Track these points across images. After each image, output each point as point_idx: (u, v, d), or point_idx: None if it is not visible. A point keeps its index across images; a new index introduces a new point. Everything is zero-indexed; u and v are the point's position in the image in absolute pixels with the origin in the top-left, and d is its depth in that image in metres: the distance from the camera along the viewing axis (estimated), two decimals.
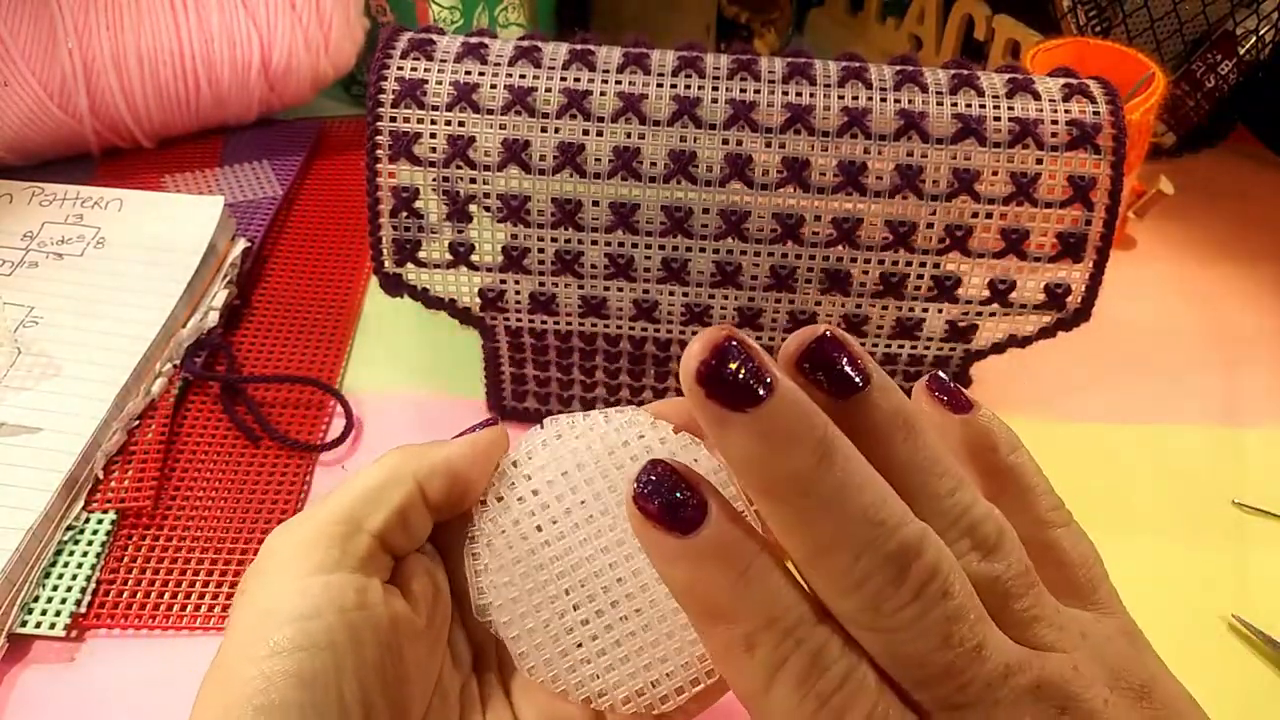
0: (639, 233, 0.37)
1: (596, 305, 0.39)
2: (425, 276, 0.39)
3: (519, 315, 0.40)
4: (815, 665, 0.19)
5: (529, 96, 0.36)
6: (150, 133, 0.57)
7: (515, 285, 0.39)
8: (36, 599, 0.38)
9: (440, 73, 0.37)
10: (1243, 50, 0.58)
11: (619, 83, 0.37)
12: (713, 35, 0.65)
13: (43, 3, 0.52)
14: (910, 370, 0.41)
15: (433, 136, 0.37)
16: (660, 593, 0.27)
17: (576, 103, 0.36)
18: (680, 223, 0.37)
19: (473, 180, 0.37)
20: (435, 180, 0.37)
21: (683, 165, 0.36)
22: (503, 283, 0.39)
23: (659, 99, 0.36)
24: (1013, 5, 0.57)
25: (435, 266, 0.39)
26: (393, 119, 0.37)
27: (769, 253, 0.38)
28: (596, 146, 0.36)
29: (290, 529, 0.26)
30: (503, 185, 0.37)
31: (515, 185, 0.37)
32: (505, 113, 0.36)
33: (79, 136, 0.56)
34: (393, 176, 0.37)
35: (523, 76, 0.37)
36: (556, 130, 0.36)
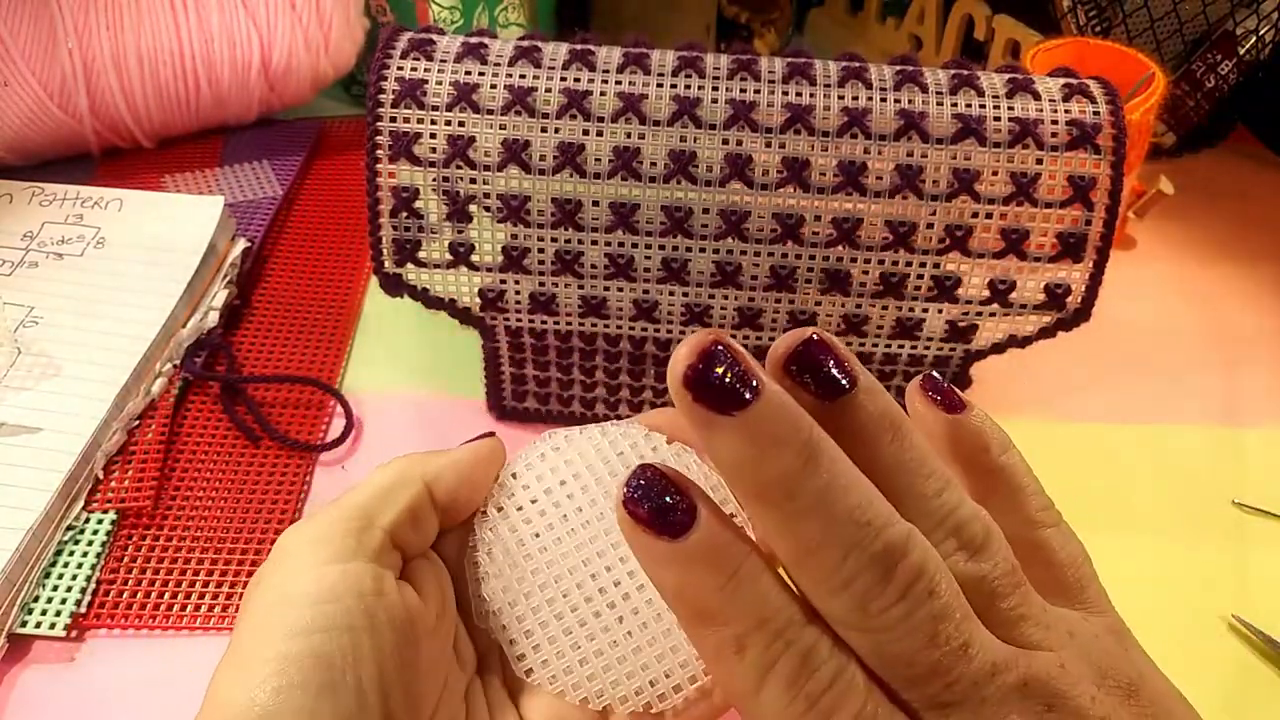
0: (639, 233, 0.37)
1: (596, 305, 0.39)
2: (425, 276, 0.39)
3: (519, 315, 0.40)
4: (805, 666, 0.20)
5: (529, 96, 0.36)
6: (150, 133, 0.57)
7: (515, 285, 0.39)
8: (36, 599, 0.38)
9: (440, 73, 0.37)
10: (1243, 50, 0.58)
11: (619, 83, 0.37)
12: (713, 35, 0.65)
13: (43, 3, 0.52)
14: (910, 370, 0.41)
15: (433, 136, 0.37)
16: (655, 594, 0.27)
17: (576, 103, 0.36)
18: (680, 223, 0.37)
19: (473, 180, 0.37)
20: (435, 180, 0.37)
21: (683, 165, 0.36)
22: (503, 283, 0.39)
23: (659, 99, 0.36)
24: (1013, 5, 0.57)
25: (435, 266, 0.39)
26: (393, 119, 0.37)
27: (769, 253, 0.38)
28: (596, 146, 0.36)
29: (303, 526, 0.26)
30: (503, 185, 0.37)
31: (515, 185, 0.37)
32: (505, 113, 0.36)
33: (79, 136, 0.56)
34: (393, 176, 0.37)
35: (523, 76, 0.37)
36: (556, 130, 0.36)
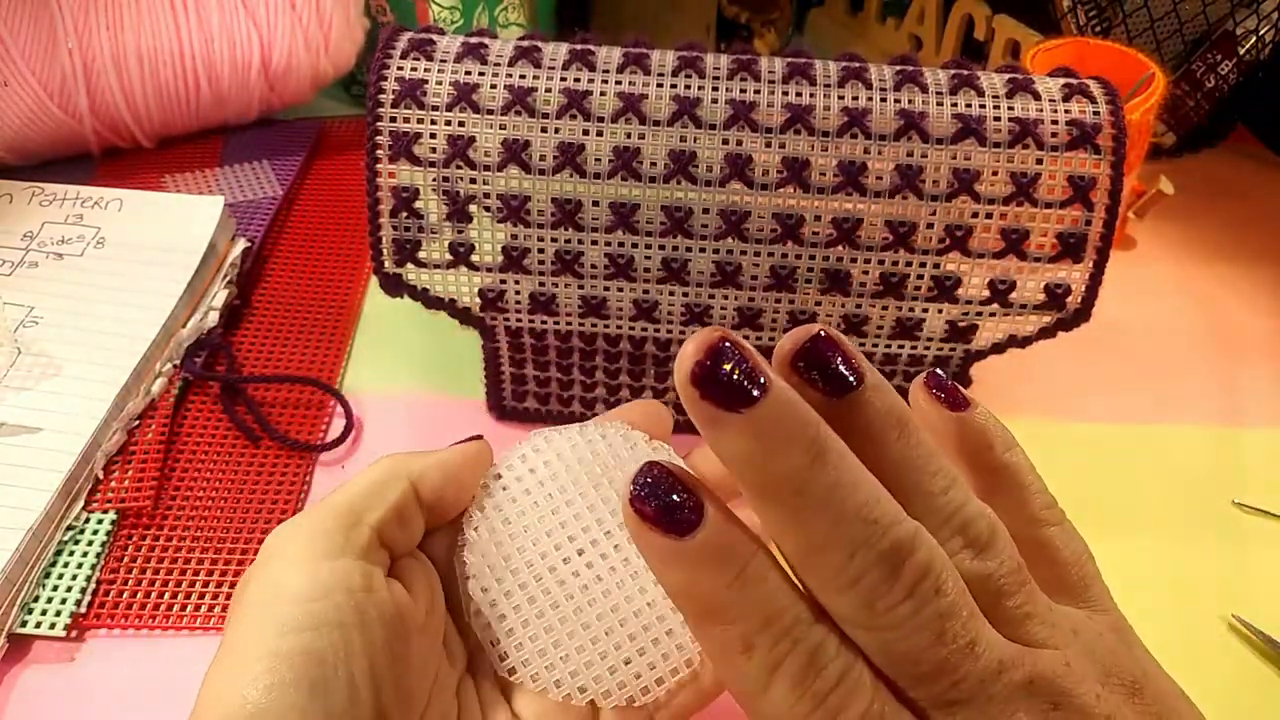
0: (639, 233, 0.37)
1: (596, 305, 0.39)
2: (425, 276, 0.39)
3: (519, 315, 0.40)
4: (812, 665, 0.20)
5: (529, 96, 0.36)
6: (150, 133, 0.57)
7: (515, 285, 0.39)
8: (36, 599, 0.38)
9: (440, 73, 0.37)
10: (1243, 50, 0.58)
11: (619, 83, 0.36)
12: (713, 35, 0.65)
13: (43, 3, 0.52)
14: (910, 370, 0.41)
15: (433, 136, 0.37)
16: (634, 589, 0.28)
17: (576, 103, 0.36)
18: (680, 223, 0.37)
19: (473, 180, 0.37)
20: (435, 180, 0.37)
21: (683, 165, 0.36)
22: (503, 283, 0.39)
23: (659, 99, 0.36)
24: (1013, 5, 0.57)
25: (435, 266, 0.39)
26: (393, 119, 0.37)
27: (769, 253, 0.38)
28: (596, 146, 0.36)
29: (291, 525, 0.26)
30: (503, 185, 0.37)
31: (515, 185, 0.37)
32: (505, 113, 0.36)
33: (79, 136, 0.56)
34: (393, 176, 0.37)
35: (523, 76, 0.37)
36: (556, 130, 0.36)
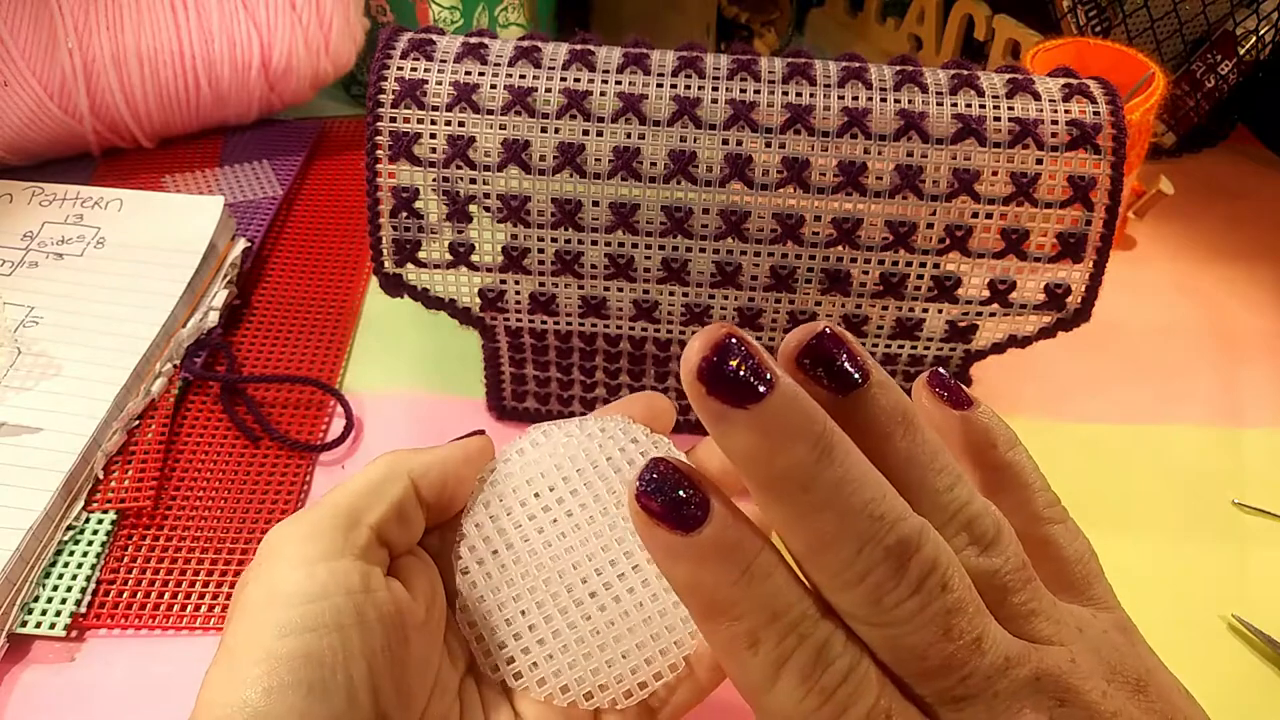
0: (639, 233, 0.37)
1: (596, 305, 0.39)
2: (425, 277, 0.39)
3: (519, 315, 0.40)
4: (819, 661, 0.20)
5: (529, 97, 0.36)
6: (150, 133, 0.57)
7: (515, 285, 0.39)
8: (36, 599, 0.38)
9: (440, 73, 0.37)
10: (1243, 50, 0.58)
11: (619, 83, 0.36)
12: (713, 35, 0.65)
13: (43, 3, 0.52)
14: (910, 370, 0.41)
15: (433, 137, 0.37)
16: (623, 589, 0.28)
17: (576, 103, 0.36)
18: (680, 223, 0.37)
19: (473, 180, 0.37)
20: (435, 180, 0.37)
21: (683, 165, 0.36)
22: (503, 283, 0.39)
23: (659, 99, 0.36)
24: (1013, 5, 0.57)
25: (435, 267, 0.39)
26: (393, 119, 0.37)
27: (769, 253, 0.38)
28: (596, 146, 0.36)
29: (289, 524, 0.26)
30: (503, 185, 0.37)
31: (515, 185, 0.37)
32: (505, 113, 0.36)
33: (79, 136, 0.56)
34: (393, 176, 0.37)
35: (523, 77, 0.37)
36: (556, 130, 0.36)
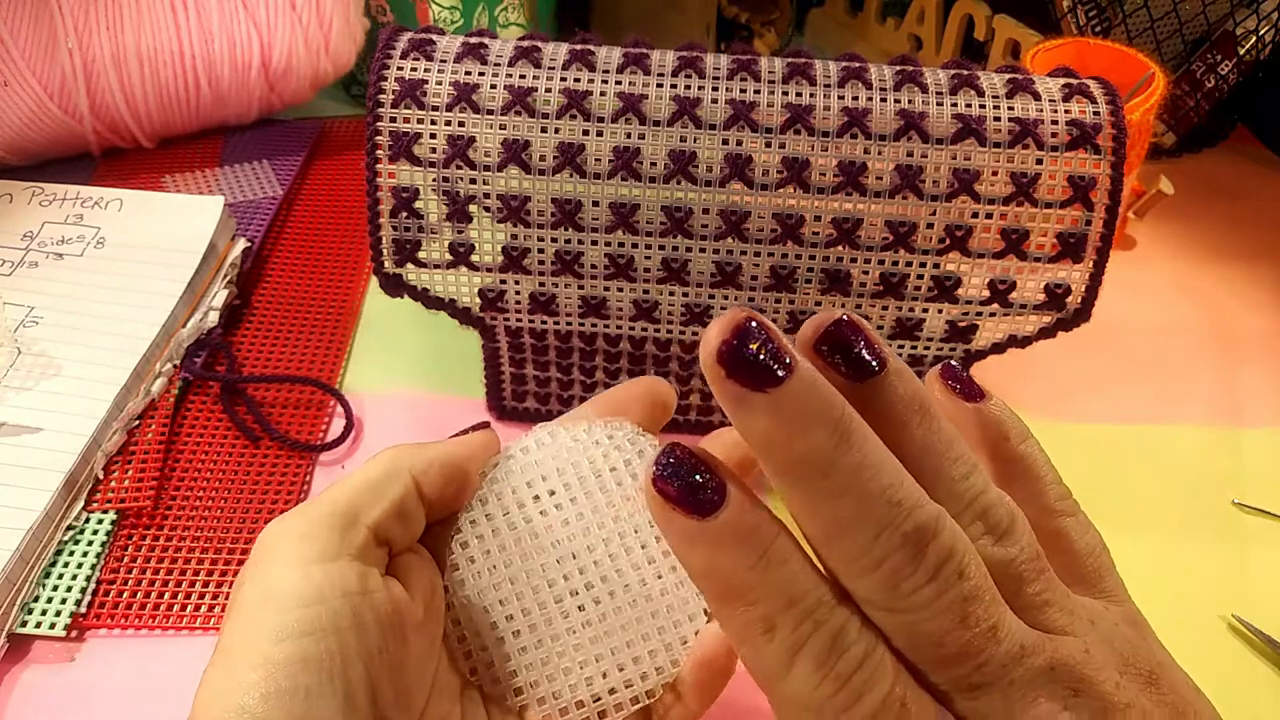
0: (639, 233, 0.37)
1: (596, 305, 0.39)
2: (425, 277, 0.39)
3: (519, 315, 0.40)
4: (834, 647, 0.20)
5: (529, 97, 0.36)
6: (150, 133, 0.57)
7: (515, 285, 0.39)
8: (36, 599, 0.38)
9: (440, 73, 0.37)
10: (1243, 50, 0.58)
11: (619, 83, 0.36)
12: (713, 35, 0.65)
13: (43, 3, 0.52)
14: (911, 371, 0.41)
15: (433, 137, 0.37)
16: (625, 600, 0.27)
17: (576, 103, 0.36)
18: (680, 223, 0.37)
19: (473, 180, 0.37)
20: (435, 180, 0.37)
21: (683, 165, 0.36)
22: (503, 283, 0.39)
23: (659, 99, 0.36)
24: (1013, 5, 0.57)
25: (435, 267, 0.39)
26: (393, 119, 0.37)
27: (769, 253, 0.38)
28: (596, 146, 0.36)
29: (286, 522, 0.26)
30: (503, 185, 0.37)
31: (515, 185, 0.37)
32: (505, 113, 0.36)
33: (79, 136, 0.56)
34: (393, 176, 0.37)
35: (523, 77, 0.37)
36: (556, 130, 0.36)
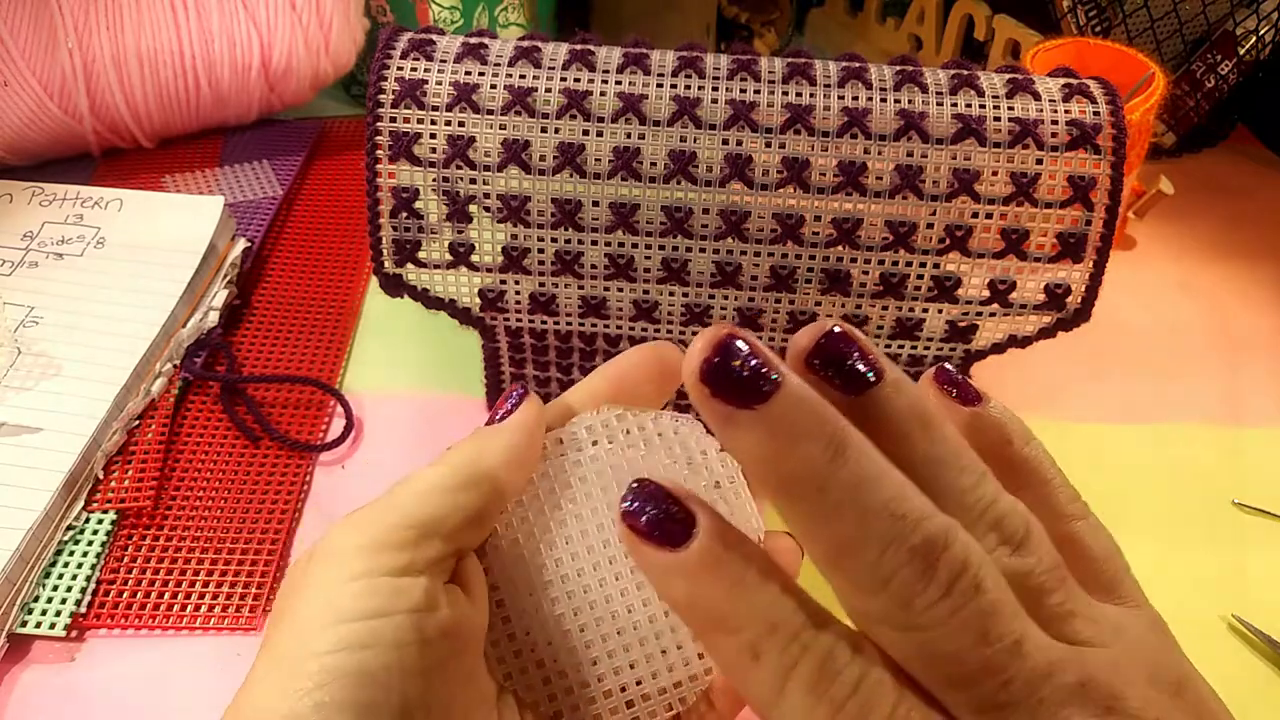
0: (639, 233, 0.37)
1: (596, 305, 0.39)
2: (425, 277, 0.39)
3: (519, 315, 0.40)
4: (825, 670, 0.19)
5: (529, 97, 0.36)
6: (150, 133, 0.57)
7: (515, 285, 0.39)
8: (36, 599, 0.38)
9: (440, 73, 0.37)
10: (1243, 50, 0.58)
11: (619, 83, 0.36)
12: (713, 35, 0.65)
13: (43, 3, 0.52)
14: (910, 371, 0.41)
15: (433, 137, 0.37)
16: (637, 600, 0.26)
17: (576, 103, 0.36)
18: (680, 223, 0.37)
19: (473, 180, 0.37)
20: (435, 180, 0.37)
21: (683, 165, 0.36)
22: (503, 283, 0.39)
23: (659, 99, 0.36)
24: (1013, 5, 0.57)
25: (435, 267, 0.39)
26: (393, 119, 0.37)
27: (769, 253, 0.37)
28: (596, 147, 0.36)
29: (359, 527, 0.24)
30: (503, 185, 0.37)
31: (515, 185, 0.37)
32: (505, 113, 0.36)
33: (79, 136, 0.56)
34: (393, 176, 0.37)
35: (523, 77, 0.37)
36: (556, 130, 0.36)
